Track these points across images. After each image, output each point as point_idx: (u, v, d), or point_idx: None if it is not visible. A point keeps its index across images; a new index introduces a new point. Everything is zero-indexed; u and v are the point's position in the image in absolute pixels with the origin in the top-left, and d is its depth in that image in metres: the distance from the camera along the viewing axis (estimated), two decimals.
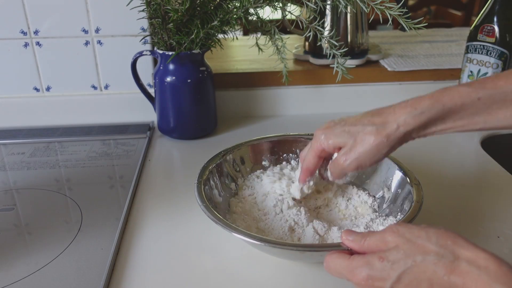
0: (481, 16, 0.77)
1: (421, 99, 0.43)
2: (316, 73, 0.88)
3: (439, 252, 0.32)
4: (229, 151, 0.59)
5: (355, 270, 0.35)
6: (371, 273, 0.34)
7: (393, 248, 0.34)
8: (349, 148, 0.45)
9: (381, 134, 0.43)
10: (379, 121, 0.44)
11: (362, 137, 0.44)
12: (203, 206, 0.48)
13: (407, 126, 0.43)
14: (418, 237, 0.34)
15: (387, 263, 0.34)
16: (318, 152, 0.48)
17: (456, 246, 0.32)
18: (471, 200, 0.61)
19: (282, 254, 0.47)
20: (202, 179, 0.53)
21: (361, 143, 0.44)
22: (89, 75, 0.83)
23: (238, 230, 0.44)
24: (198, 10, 0.69)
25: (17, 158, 0.73)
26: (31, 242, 0.53)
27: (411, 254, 0.33)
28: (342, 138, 0.45)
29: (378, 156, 0.44)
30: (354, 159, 0.44)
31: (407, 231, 0.35)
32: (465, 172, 0.68)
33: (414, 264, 0.33)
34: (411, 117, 0.42)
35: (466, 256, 0.31)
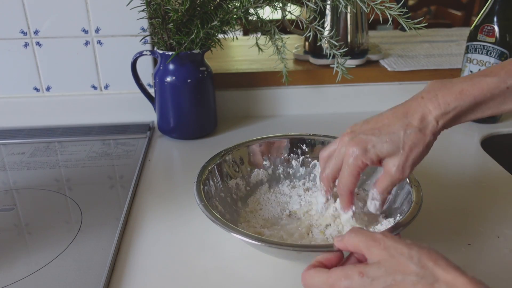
0: (481, 16, 0.77)
1: (450, 92, 0.43)
2: (316, 73, 0.88)
3: (419, 273, 0.32)
4: (229, 151, 0.59)
5: (335, 284, 0.35)
6: (351, 286, 0.34)
7: (375, 264, 0.34)
8: (401, 157, 0.43)
9: (427, 133, 0.43)
10: (416, 121, 0.43)
11: (409, 142, 0.43)
12: (201, 206, 0.48)
13: (444, 120, 0.43)
14: (401, 254, 0.33)
15: (367, 278, 0.33)
16: (359, 170, 0.44)
17: (437, 268, 0.32)
18: (471, 200, 0.61)
19: (280, 254, 0.47)
20: (202, 179, 0.53)
21: (412, 148, 0.43)
22: (89, 75, 0.83)
23: (236, 230, 0.44)
24: (198, 10, 0.69)
25: (17, 158, 0.73)
26: (31, 242, 0.53)
27: (392, 272, 0.33)
28: (386, 148, 0.43)
29: (427, 153, 0.45)
30: (411, 166, 0.43)
31: (392, 245, 0.34)
32: (465, 172, 0.68)
33: (393, 283, 0.32)
34: (446, 112, 0.43)
35: (446, 279, 0.31)
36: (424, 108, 0.43)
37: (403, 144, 0.43)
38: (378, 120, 0.45)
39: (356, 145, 0.44)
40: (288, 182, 0.62)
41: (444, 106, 0.43)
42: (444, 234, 0.53)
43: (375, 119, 0.45)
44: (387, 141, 0.43)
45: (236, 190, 0.58)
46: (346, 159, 0.44)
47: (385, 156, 0.43)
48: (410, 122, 0.43)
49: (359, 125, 0.46)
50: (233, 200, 0.57)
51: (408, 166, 0.43)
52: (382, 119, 0.44)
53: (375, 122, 0.45)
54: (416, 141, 0.43)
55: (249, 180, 0.60)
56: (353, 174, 0.44)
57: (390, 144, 0.43)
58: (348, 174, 0.45)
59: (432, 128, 0.43)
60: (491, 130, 0.81)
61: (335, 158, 0.46)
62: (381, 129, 0.44)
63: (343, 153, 0.45)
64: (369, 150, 0.43)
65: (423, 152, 0.43)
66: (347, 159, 0.44)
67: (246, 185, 0.60)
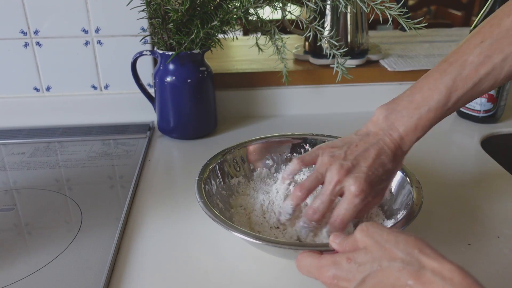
0: (481, 16, 0.76)
1: (408, 131, 0.46)
2: (316, 73, 0.88)
3: (405, 260, 0.32)
4: (230, 150, 0.60)
5: (323, 268, 0.36)
6: (337, 273, 0.35)
7: (362, 250, 0.35)
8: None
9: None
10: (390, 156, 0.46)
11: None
12: (201, 203, 0.48)
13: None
14: (386, 241, 0.34)
15: (354, 264, 0.34)
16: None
17: (423, 255, 0.32)
18: (471, 200, 0.61)
19: (279, 253, 0.47)
20: (203, 177, 0.53)
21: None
22: (89, 75, 0.83)
23: (236, 229, 0.44)
24: (198, 10, 0.69)
25: (17, 158, 0.73)
26: (31, 242, 0.53)
27: (378, 258, 0.33)
28: (382, 187, 0.47)
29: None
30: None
31: (376, 232, 0.35)
32: (465, 172, 0.68)
33: (379, 269, 0.33)
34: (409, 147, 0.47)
35: (432, 266, 0.31)
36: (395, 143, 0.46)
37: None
38: (365, 154, 0.46)
39: (361, 184, 0.44)
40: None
41: (408, 146, 0.47)
42: (444, 234, 0.53)
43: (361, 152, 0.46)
44: (385, 180, 0.47)
45: (238, 189, 0.58)
46: (351, 198, 0.44)
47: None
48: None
49: (342, 157, 0.46)
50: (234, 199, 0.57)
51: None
52: (369, 154, 0.46)
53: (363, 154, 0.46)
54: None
55: (251, 179, 0.60)
56: (356, 212, 0.44)
57: (387, 182, 0.47)
58: (351, 213, 0.44)
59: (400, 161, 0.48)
60: (491, 130, 0.81)
61: (330, 192, 0.45)
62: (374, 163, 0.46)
63: (342, 189, 0.45)
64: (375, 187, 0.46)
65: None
66: (352, 198, 0.44)
67: (247, 184, 0.60)
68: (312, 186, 0.46)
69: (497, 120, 0.84)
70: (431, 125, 0.46)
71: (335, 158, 0.45)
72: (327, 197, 0.44)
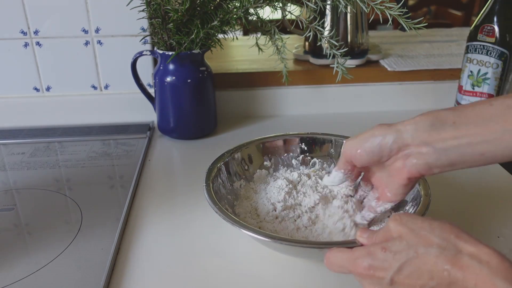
0: (481, 16, 0.77)
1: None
2: (316, 73, 0.88)
3: (441, 245, 0.32)
4: (236, 150, 0.59)
5: (357, 260, 0.36)
6: (373, 263, 0.34)
7: (396, 238, 0.35)
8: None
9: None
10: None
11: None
12: (216, 208, 0.47)
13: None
14: (421, 228, 0.34)
15: (389, 253, 0.34)
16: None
17: (459, 240, 0.32)
18: (471, 200, 0.61)
19: (304, 254, 0.46)
20: (210, 181, 0.52)
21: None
22: (89, 75, 0.83)
23: (249, 228, 0.43)
24: (198, 10, 0.69)
25: (17, 158, 0.73)
26: (31, 242, 0.53)
27: (414, 245, 0.33)
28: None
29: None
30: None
31: (410, 220, 0.35)
32: (465, 172, 0.68)
33: (416, 255, 0.33)
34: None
35: (468, 251, 0.32)
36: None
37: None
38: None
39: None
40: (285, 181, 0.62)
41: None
42: None
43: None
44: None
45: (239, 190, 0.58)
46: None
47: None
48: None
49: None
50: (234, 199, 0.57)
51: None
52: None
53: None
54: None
55: (250, 179, 0.60)
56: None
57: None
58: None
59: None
60: None
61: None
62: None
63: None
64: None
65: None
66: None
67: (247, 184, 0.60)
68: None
69: None
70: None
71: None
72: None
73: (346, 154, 0.46)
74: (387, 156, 0.43)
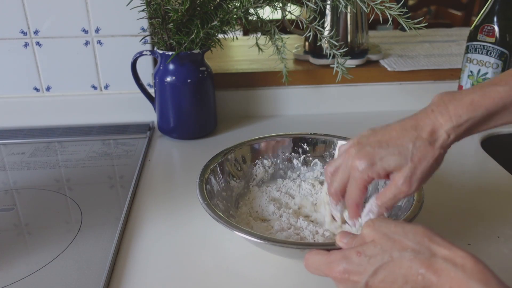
0: (481, 16, 0.77)
1: (461, 104, 0.41)
2: (316, 73, 0.88)
3: (415, 249, 0.32)
4: (231, 150, 0.59)
5: (332, 264, 0.36)
6: (348, 267, 0.35)
7: (370, 243, 0.35)
8: (409, 172, 0.41)
9: (436, 146, 0.41)
10: (425, 134, 0.41)
11: (419, 154, 0.41)
12: (204, 205, 0.48)
13: (456, 133, 0.41)
14: (394, 233, 0.34)
15: (364, 257, 0.34)
16: (365, 183, 0.43)
17: (433, 244, 0.32)
18: (471, 200, 0.61)
19: (284, 253, 0.47)
20: (204, 178, 0.53)
21: (420, 162, 0.41)
22: (89, 75, 0.83)
23: (240, 229, 0.44)
24: (198, 10, 0.69)
25: (17, 158, 0.73)
26: (31, 242, 0.53)
27: (388, 249, 0.33)
28: (394, 161, 0.41)
29: (437, 168, 0.43)
30: (420, 179, 0.41)
31: (383, 225, 0.35)
32: (465, 172, 0.68)
33: (390, 260, 0.33)
34: (458, 125, 0.41)
35: (443, 254, 0.32)
36: (435, 121, 0.41)
37: (412, 156, 0.41)
38: (386, 132, 0.43)
39: (362, 158, 0.42)
40: (285, 180, 0.62)
41: (456, 119, 0.41)
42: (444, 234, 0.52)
43: (383, 131, 0.43)
44: (395, 154, 0.41)
45: (237, 189, 0.58)
46: (353, 172, 0.43)
47: (392, 170, 0.42)
48: (420, 135, 0.41)
49: (365, 136, 0.43)
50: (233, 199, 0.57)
51: (416, 180, 0.41)
52: (390, 131, 0.42)
53: (382, 134, 0.43)
54: (425, 154, 0.41)
55: (250, 178, 0.60)
56: (360, 187, 0.43)
57: (398, 156, 0.41)
58: (354, 187, 0.43)
59: (442, 141, 0.41)
60: (491, 130, 0.81)
61: (342, 172, 0.44)
62: (389, 142, 0.42)
63: (349, 166, 0.43)
64: (376, 163, 0.41)
65: (432, 166, 0.41)
66: (354, 172, 0.43)
67: (246, 184, 0.60)
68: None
69: None
70: (492, 106, 0.40)
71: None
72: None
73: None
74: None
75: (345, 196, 0.45)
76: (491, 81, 0.42)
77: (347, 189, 0.45)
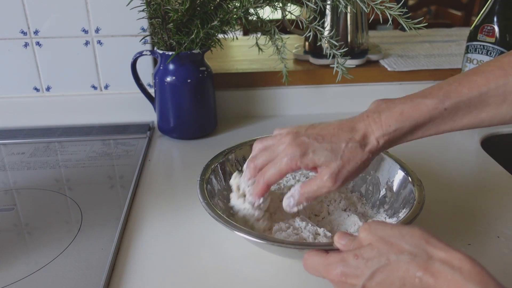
0: (481, 16, 0.77)
1: (392, 114, 0.44)
2: (316, 73, 0.88)
3: (412, 252, 0.33)
4: (231, 150, 0.59)
5: (330, 266, 0.36)
6: (345, 269, 0.35)
7: (367, 246, 0.35)
8: (336, 169, 0.42)
9: (366, 150, 0.44)
10: (358, 137, 0.44)
11: (348, 154, 0.43)
12: (204, 203, 0.48)
13: (384, 140, 0.44)
14: (391, 236, 0.34)
15: (361, 260, 0.34)
16: (289, 171, 0.44)
17: (430, 246, 0.32)
18: (471, 200, 0.61)
19: (283, 253, 0.47)
20: (205, 177, 0.53)
21: (349, 162, 0.43)
22: (89, 75, 0.83)
23: (239, 228, 0.44)
24: (198, 10, 0.69)
25: (17, 158, 0.73)
26: (31, 242, 0.53)
27: (385, 252, 0.34)
28: (325, 157, 0.43)
29: (363, 171, 0.45)
30: (344, 178, 0.43)
31: (379, 228, 0.35)
32: (465, 172, 0.68)
33: (387, 263, 0.33)
34: (387, 134, 0.44)
35: (440, 256, 0.32)
36: (368, 126, 0.44)
37: (342, 155, 0.43)
38: (324, 128, 0.45)
39: (296, 146, 0.43)
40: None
41: (385, 128, 0.44)
42: (444, 234, 0.53)
43: (322, 126, 0.45)
44: (327, 149, 0.43)
45: None
46: (281, 156, 0.44)
47: (321, 164, 0.43)
48: (354, 137, 0.44)
49: (304, 127, 0.46)
50: None
51: (341, 178, 0.43)
52: (328, 128, 0.45)
53: (320, 129, 0.45)
54: (355, 156, 0.43)
55: None
56: (282, 172, 0.44)
57: (330, 152, 0.43)
58: (276, 170, 0.44)
59: (372, 147, 0.44)
60: (491, 130, 0.81)
61: (271, 152, 0.45)
62: (325, 137, 0.44)
63: (280, 150, 0.45)
64: (308, 154, 0.43)
65: (359, 167, 0.44)
66: (282, 156, 0.44)
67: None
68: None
69: None
70: (420, 118, 0.43)
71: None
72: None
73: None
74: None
75: (259, 173, 0.46)
76: (422, 93, 0.44)
77: (265, 168, 0.45)
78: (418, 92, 0.45)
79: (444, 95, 0.43)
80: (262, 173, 0.45)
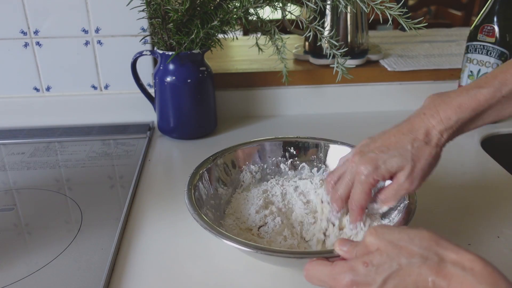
0: (481, 16, 0.77)
1: (449, 107, 0.44)
2: (316, 73, 0.88)
3: (423, 255, 0.32)
4: (218, 155, 0.58)
5: (338, 276, 0.35)
6: (355, 278, 0.34)
7: (376, 252, 0.34)
8: (410, 169, 0.44)
9: (432, 145, 0.44)
10: (421, 135, 0.44)
11: (417, 154, 0.44)
12: (195, 215, 0.47)
13: (448, 133, 0.45)
14: (399, 239, 0.33)
15: (371, 267, 0.33)
16: (371, 187, 0.45)
17: (440, 248, 0.32)
18: (471, 200, 0.61)
19: (281, 262, 0.46)
20: (192, 186, 0.52)
21: (420, 160, 0.44)
22: (89, 75, 0.83)
23: (231, 238, 0.43)
24: (198, 10, 0.69)
25: (17, 158, 0.73)
26: (31, 242, 0.53)
27: (395, 257, 0.33)
28: (396, 162, 0.44)
29: (435, 165, 0.46)
30: (420, 177, 0.44)
31: (386, 232, 0.34)
32: (465, 172, 0.68)
33: (399, 268, 0.32)
34: (449, 127, 0.44)
35: (451, 258, 0.31)
36: (428, 123, 0.45)
37: (412, 156, 0.44)
38: (384, 138, 0.46)
39: (367, 163, 0.44)
40: (275, 183, 0.60)
41: (446, 121, 0.44)
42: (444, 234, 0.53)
43: (381, 138, 0.46)
44: (396, 156, 0.44)
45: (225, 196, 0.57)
46: (358, 177, 0.45)
47: (396, 171, 0.44)
48: (416, 137, 0.44)
49: (365, 145, 0.46)
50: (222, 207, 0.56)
51: (417, 176, 0.44)
52: (388, 137, 0.46)
53: (382, 141, 0.46)
54: (424, 153, 0.44)
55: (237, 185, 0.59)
56: (365, 191, 0.45)
57: (400, 158, 0.44)
58: (360, 191, 0.45)
59: (437, 140, 0.45)
60: (491, 130, 0.81)
61: (347, 177, 0.47)
62: (389, 146, 0.45)
63: (354, 172, 0.46)
64: (380, 167, 0.44)
65: (431, 163, 0.45)
66: (359, 177, 0.45)
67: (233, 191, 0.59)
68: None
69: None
70: (478, 107, 0.44)
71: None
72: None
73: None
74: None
75: (349, 202, 0.47)
76: (477, 83, 0.45)
77: (351, 195, 0.46)
78: (471, 83, 0.46)
79: (500, 82, 0.44)
80: (351, 203, 0.47)
